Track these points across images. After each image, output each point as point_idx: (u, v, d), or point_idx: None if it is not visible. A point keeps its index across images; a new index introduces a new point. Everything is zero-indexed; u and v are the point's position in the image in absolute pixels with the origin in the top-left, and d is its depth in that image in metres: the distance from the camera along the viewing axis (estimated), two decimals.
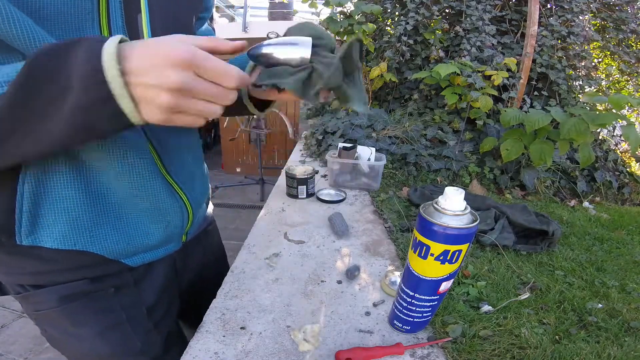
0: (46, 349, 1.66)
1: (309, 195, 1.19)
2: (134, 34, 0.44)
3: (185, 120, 0.35)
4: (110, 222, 0.51)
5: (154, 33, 0.46)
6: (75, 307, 0.54)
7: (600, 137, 1.99)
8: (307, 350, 0.54)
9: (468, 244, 0.48)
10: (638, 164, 2.00)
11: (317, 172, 1.26)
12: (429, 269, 0.50)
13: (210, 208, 0.80)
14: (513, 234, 1.01)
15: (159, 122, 0.34)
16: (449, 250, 0.47)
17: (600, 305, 0.75)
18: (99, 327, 0.56)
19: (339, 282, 0.73)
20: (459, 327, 0.61)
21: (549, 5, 1.94)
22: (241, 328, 0.58)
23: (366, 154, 1.30)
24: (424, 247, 0.48)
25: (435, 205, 0.48)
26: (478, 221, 0.47)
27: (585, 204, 1.51)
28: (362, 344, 0.56)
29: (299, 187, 1.16)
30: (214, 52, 0.35)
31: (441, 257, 0.48)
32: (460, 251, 0.48)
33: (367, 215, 1.08)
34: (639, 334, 0.67)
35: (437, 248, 0.47)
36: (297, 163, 1.59)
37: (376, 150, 1.34)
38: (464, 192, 0.46)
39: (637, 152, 1.91)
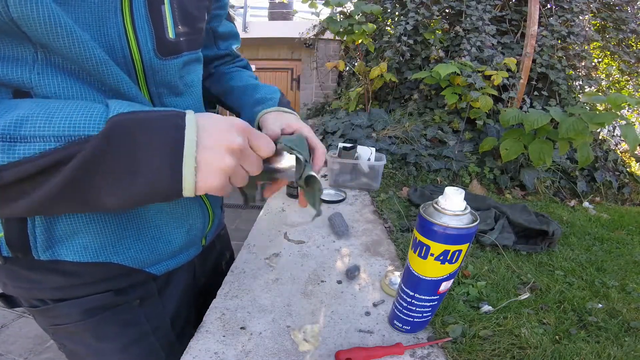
0: (46, 349, 1.66)
1: None
2: (157, 25, 0.43)
3: (232, 185, 0.38)
4: (133, 230, 0.49)
5: (175, 24, 0.45)
6: (99, 320, 0.51)
7: (600, 137, 1.99)
8: (307, 350, 0.54)
9: (468, 244, 0.48)
10: (638, 164, 2.00)
11: None
12: (429, 269, 0.50)
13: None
14: (513, 234, 1.01)
15: (216, 189, 0.36)
16: (449, 250, 0.47)
17: (600, 305, 0.75)
18: (124, 341, 0.54)
19: (339, 282, 0.73)
20: (459, 327, 0.61)
21: (549, 5, 1.95)
22: (241, 328, 0.58)
23: (366, 154, 1.30)
24: (424, 247, 0.48)
25: (435, 205, 0.48)
26: (478, 221, 0.47)
27: (585, 204, 1.51)
28: (362, 344, 0.56)
29: (299, 187, 1.16)
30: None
31: (441, 257, 0.48)
32: (460, 251, 0.48)
33: (367, 215, 1.08)
34: (639, 334, 0.67)
35: (437, 248, 0.47)
36: None
37: (376, 150, 1.34)
38: (464, 192, 0.46)
39: (636, 152, 1.91)
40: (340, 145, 1.30)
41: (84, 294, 0.49)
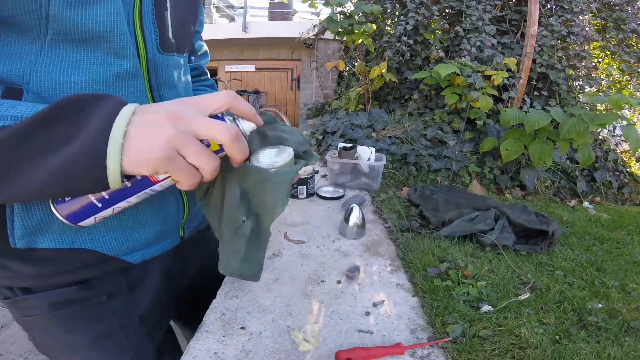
0: None
1: (309, 195, 1.19)
2: (162, 26, 0.49)
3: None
4: (111, 220, 0.49)
5: (174, 29, 0.51)
6: (67, 313, 0.52)
7: (600, 137, 1.99)
8: (307, 350, 0.54)
9: None
10: (638, 164, 2.00)
11: (317, 172, 1.26)
12: None
13: None
14: (513, 234, 1.01)
15: (155, 159, 0.33)
16: None
17: (600, 305, 0.75)
18: (91, 335, 0.55)
19: (339, 282, 0.73)
20: (459, 327, 0.61)
21: (549, 5, 1.95)
22: (241, 328, 0.58)
23: (366, 154, 1.30)
24: None
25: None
26: None
27: (585, 204, 1.51)
28: (362, 344, 0.56)
29: (299, 187, 1.16)
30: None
31: None
32: None
33: (367, 215, 1.08)
34: (639, 334, 0.67)
35: None
36: None
37: (376, 150, 1.34)
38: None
39: (637, 153, 1.91)
40: (340, 145, 1.30)
41: (60, 283, 0.50)
